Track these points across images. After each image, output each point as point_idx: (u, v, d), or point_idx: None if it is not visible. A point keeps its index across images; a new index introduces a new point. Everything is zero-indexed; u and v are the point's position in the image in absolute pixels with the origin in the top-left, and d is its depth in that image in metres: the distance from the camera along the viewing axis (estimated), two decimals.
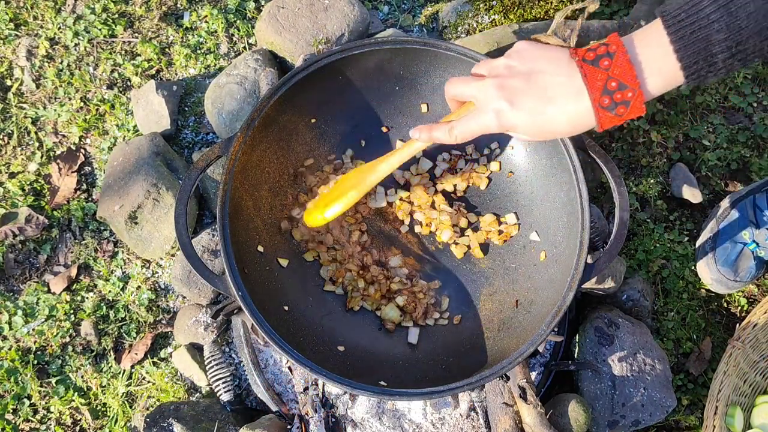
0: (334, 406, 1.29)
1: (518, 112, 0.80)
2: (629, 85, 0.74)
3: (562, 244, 1.18)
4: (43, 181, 1.57)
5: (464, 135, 0.89)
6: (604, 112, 0.76)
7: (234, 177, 1.12)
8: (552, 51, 0.81)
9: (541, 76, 0.79)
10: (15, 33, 1.67)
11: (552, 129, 0.80)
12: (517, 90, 0.80)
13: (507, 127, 0.83)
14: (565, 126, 0.79)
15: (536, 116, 0.80)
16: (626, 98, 0.75)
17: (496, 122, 0.83)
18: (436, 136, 0.94)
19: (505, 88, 0.81)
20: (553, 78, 0.78)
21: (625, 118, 0.76)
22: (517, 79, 0.81)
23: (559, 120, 0.79)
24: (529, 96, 0.80)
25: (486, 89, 0.83)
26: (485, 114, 0.84)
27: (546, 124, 0.80)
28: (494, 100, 0.82)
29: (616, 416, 1.30)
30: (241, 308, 1.13)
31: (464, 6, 1.57)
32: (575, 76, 0.77)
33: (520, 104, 0.80)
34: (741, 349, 1.34)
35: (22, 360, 1.44)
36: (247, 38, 1.67)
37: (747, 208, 1.47)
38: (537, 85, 0.79)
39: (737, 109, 1.67)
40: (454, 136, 0.91)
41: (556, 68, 0.78)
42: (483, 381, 1.04)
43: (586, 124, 0.79)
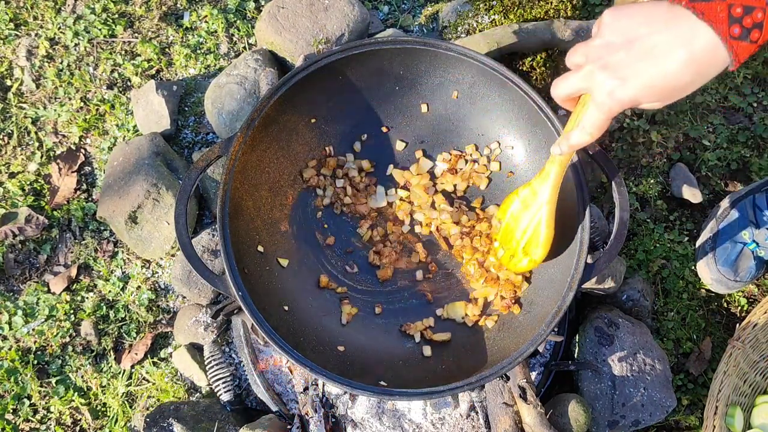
0: (334, 406, 1.29)
1: (632, 83, 0.76)
2: (755, 5, 0.69)
3: (562, 244, 1.18)
4: (43, 181, 1.57)
5: (596, 128, 0.84)
6: (737, 42, 0.70)
7: (234, 177, 1.12)
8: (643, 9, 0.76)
9: (642, 40, 0.74)
10: (15, 33, 1.67)
11: (678, 83, 0.74)
12: (622, 63, 0.76)
13: (629, 103, 0.78)
14: (690, 74, 0.73)
15: (654, 80, 0.74)
16: (757, 20, 0.69)
17: (614, 103, 0.79)
18: (575, 142, 0.89)
19: (609, 67, 0.77)
20: (656, 36, 0.73)
21: (760, 43, 0.71)
22: (618, 53, 0.76)
23: (681, 72, 0.73)
24: (636, 64, 0.75)
25: (591, 76, 0.80)
26: (599, 98, 0.80)
27: (669, 82, 0.74)
28: (604, 84, 0.78)
29: (616, 416, 1.30)
30: (241, 308, 1.13)
31: (464, 6, 1.57)
32: (680, 21, 0.71)
33: (630, 76, 0.76)
34: (741, 349, 1.33)
35: (22, 360, 1.44)
36: (247, 38, 1.67)
37: (747, 208, 1.47)
38: (641, 49, 0.74)
39: (737, 109, 1.67)
40: (589, 134, 0.86)
41: (655, 24, 0.74)
42: (483, 381, 1.04)
43: (718, 64, 0.72)
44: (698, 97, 1.66)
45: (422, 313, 1.25)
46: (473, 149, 1.32)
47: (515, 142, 1.28)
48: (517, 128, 1.26)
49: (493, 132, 1.30)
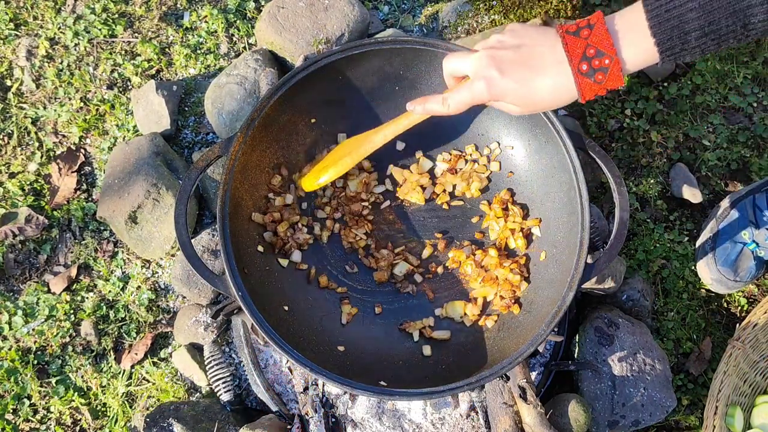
0: (334, 406, 1.29)
1: (507, 79, 0.84)
2: (606, 52, 0.78)
3: (562, 244, 1.18)
4: (43, 181, 1.57)
5: (458, 105, 0.93)
6: (583, 78, 0.80)
7: (234, 177, 1.12)
8: (540, 28, 0.86)
9: (529, 48, 0.84)
10: (15, 33, 1.67)
11: (537, 99, 0.85)
12: (507, 59, 0.85)
13: (496, 94, 0.87)
14: (549, 96, 0.84)
15: (523, 84, 0.84)
16: (604, 65, 0.79)
17: (486, 90, 0.87)
18: (430, 108, 0.98)
19: (496, 58, 0.86)
20: (540, 50, 0.83)
21: (605, 86, 0.80)
22: (507, 50, 0.85)
23: (543, 89, 0.83)
24: (517, 66, 0.84)
25: (479, 59, 0.88)
26: (477, 82, 0.88)
27: (531, 93, 0.84)
28: (485, 69, 0.86)
29: (616, 416, 1.30)
30: (241, 308, 1.13)
31: (464, 6, 1.57)
32: (556, 49, 0.81)
33: (508, 72, 0.84)
34: (741, 349, 1.34)
35: (22, 360, 1.44)
36: (247, 38, 1.67)
37: (747, 208, 1.47)
38: (525, 55, 0.84)
39: (737, 109, 1.67)
40: (447, 106, 0.95)
41: (543, 40, 0.83)
42: (483, 381, 1.04)
43: (569, 95, 0.83)
44: (698, 97, 1.66)
45: (422, 313, 1.25)
46: (473, 149, 1.32)
47: (515, 142, 1.28)
48: (517, 128, 1.26)
49: (493, 132, 1.30)
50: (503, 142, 1.30)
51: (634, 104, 1.64)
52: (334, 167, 1.16)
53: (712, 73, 1.67)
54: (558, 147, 1.16)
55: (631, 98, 1.65)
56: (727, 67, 1.68)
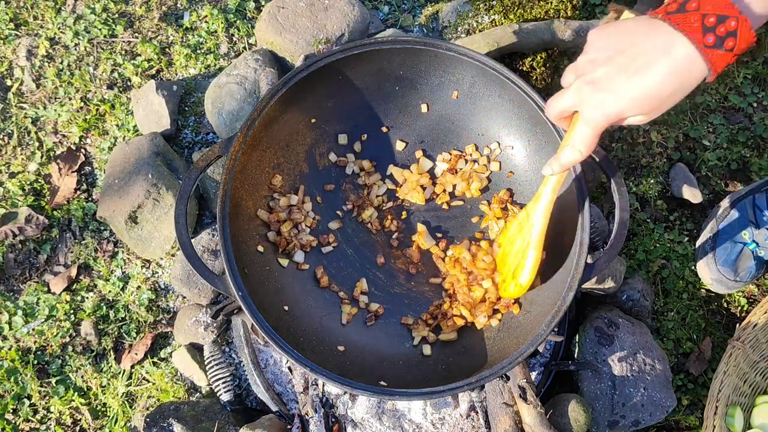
0: (334, 406, 1.29)
1: (616, 96, 0.77)
2: (729, 14, 0.70)
3: (562, 244, 1.18)
4: (43, 181, 1.57)
5: (586, 144, 0.86)
6: (712, 51, 0.71)
7: (234, 177, 1.12)
8: (625, 25, 0.78)
9: (624, 54, 0.76)
10: (15, 33, 1.67)
11: (660, 95, 0.75)
12: (606, 77, 0.77)
13: (614, 116, 0.79)
14: (671, 85, 0.74)
15: (636, 92, 0.75)
16: (731, 28, 0.70)
17: (603, 117, 0.80)
18: (566, 160, 0.91)
19: (595, 81, 0.79)
20: (636, 48, 0.75)
21: (736, 52, 0.72)
22: (602, 67, 0.78)
23: (662, 83, 0.74)
24: (620, 78, 0.76)
25: (579, 91, 0.81)
26: (589, 113, 0.81)
27: (651, 93, 0.75)
28: (590, 97, 0.80)
29: (616, 416, 1.30)
30: (241, 308, 1.13)
31: (464, 6, 1.57)
32: (659, 32, 0.73)
33: (615, 90, 0.77)
34: (741, 349, 1.33)
35: (22, 360, 1.44)
36: (247, 38, 1.67)
37: (747, 208, 1.47)
38: (623, 63, 0.76)
39: (737, 109, 1.67)
40: (579, 152, 0.88)
41: (635, 38, 0.75)
42: (483, 381, 1.04)
43: (696, 74, 0.73)
44: (698, 97, 1.66)
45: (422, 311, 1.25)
46: (473, 149, 1.32)
47: (515, 142, 1.28)
48: (517, 128, 1.26)
49: (493, 132, 1.30)
50: (503, 142, 1.30)
51: None
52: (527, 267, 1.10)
53: None
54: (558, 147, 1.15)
55: None
56: (727, 67, 1.68)
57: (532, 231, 1.09)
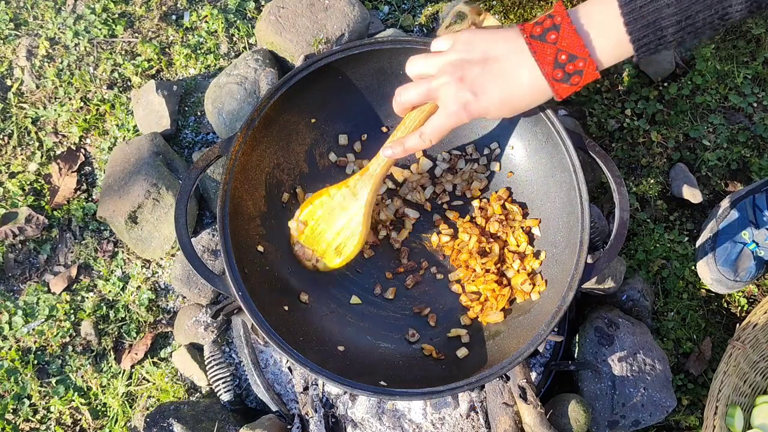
0: (334, 406, 1.29)
1: (484, 98, 0.83)
2: (579, 55, 0.76)
3: (562, 244, 1.18)
4: (43, 181, 1.57)
5: (436, 134, 0.91)
6: (558, 84, 0.79)
7: (234, 177, 1.12)
8: (499, 33, 0.83)
9: (497, 60, 0.82)
10: (15, 33, 1.67)
11: (517, 104, 0.85)
12: (477, 79, 0.83)
13: (478, 114, 0.86)
14: (529, 99, 0.84)
15: (501, 98, 0.83)
16: (578, 68, 0.77)
17: (465, 114, 0.86)
18: (410, 145, 0.95)
19: (465, 81, 0.83)
20: (508, 59, 0.81)
21: (581, 85, 0.80)
22: (474, 67, 0.83)
23: (522, 95, 0.83)
24: (490, 82, 0.82)
25: (446, 86, 0.85)
26: (452, 108, 0.86)
27: (511, 102, 0.84)
28: (458, 94, 0.84)
29: (616, 416, 1.30)
30: (241, 308, 1.13)
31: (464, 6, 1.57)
32: (523, 53, 0.80)
33: (484, 92, 0.83)
34: (741, 349, 1.34)
35: (22, 360, 1.44)
36: (247, 38, 1.67)
37: (747, 208, 1.47)
38: (494, 69, 0.82)
39: (737, 109, 1.67)
40: (427, 139, 0.92)
41: (509, 48, 0.81)
42: (483, 381, 1.04)
43: (545, 95, 0.83)
44: (698, 98, 1.66)
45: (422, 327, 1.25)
46: (473, 149, 1.32)
47: (515, 142, 1.28)
48: (517, 128, 1.26)
49: (493, 132, 1.30)
50: (502, 143, 1.30)
51: (634, 104, 1.64)
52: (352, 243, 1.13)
53: (712, 73, 1.67)
54: (558, 147, 1.15)
55: (631, 98, 1.65)
56: (727, 67, 1.68)
57: (361, 210, 1.11)
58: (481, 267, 1.22)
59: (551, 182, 1.22)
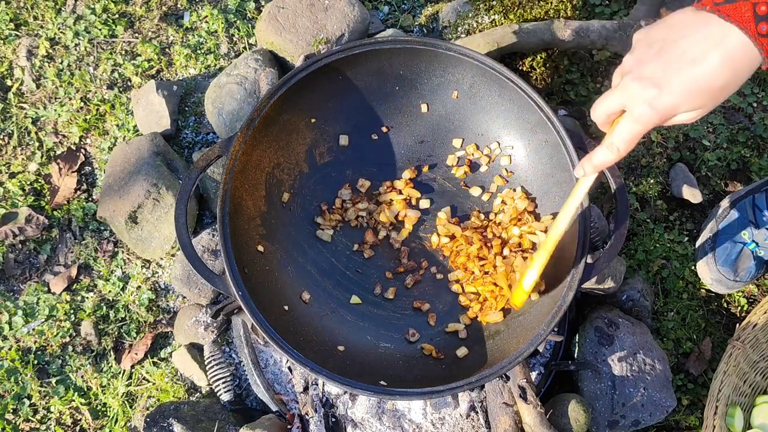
0: (334, 405, 1.29)
1: (669, 90, 0.74)
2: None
3: (562, 243, 1.18)
4: (44, 181, 1.57)
5: (626, 143, 0.82)
6: (766, 40, 0.69)
7: (234, 177, 1.12)
8: (670, 20, 0.76)
9: (673, 47, 0.74)
10: (15, 33, 1.67)
11: (714, 86, 0.73)
12: (656, 73, 0.75)
13: (667, 111, 0.76)
14: (725, 77, 0.72)
15: (691, 84, 0.73)
16: None
17: (653, 113, 0.76)
18: (599, 161, 0.87)
19: (644, 78, 0.76)
20: (686, 40, 0.73)
21: None
22: (650, 64, 0.75)
23: (716, 74, 0.72)
24: (671, 71, 0.74)
25: (627, 89, 0.78)
26: (637, 109, 0.78)
27: (705, 85, 0.73)
28: (640, 93, 0.76)
29: (616, 416, 1.30)
30: (241, 308, 1.13)
31: (464, 6, 1.57)
32: (709, 23, 0.71)
33: (667, 84, 0.74)
34: (741, 349, 1.34)
35: (22, 360, 1.44)
36: (248, 38, 1.67)
37: (746, 208, 1.47)
38: (673, 56, 0.73)
39: (737, 109, 1.67)
40: (616, 150, 0.83)
41: (683, 30, 0.73)
42: (483, 381, 1.04)
43: (750, 64, 0.72)
44: None
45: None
46: (473, 149, 1.32)
47: (515, 142, 1.29)
48: (517, 128, 1.26)
49: (493, 132, 1.30)
50: (503, 142, 1.30)
51: None
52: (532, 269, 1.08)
53: None
54: (558, 147, 1.16)
55: None
56: None
57: (550, 232, 1.05)
58: (480, 270, 1.22)
59: (551, 182, 1.22)
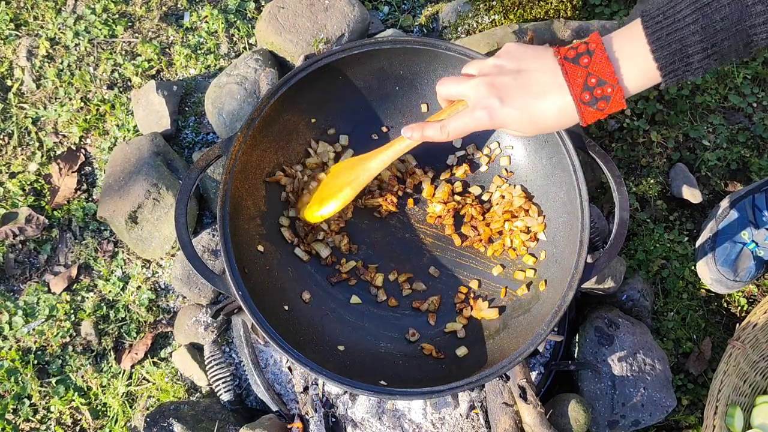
0: (334, 405, 1.29)
1: (508, 108, 0.84)
2: (608, 81, 0.77)
3: (562, 243, 1.18)
4: (44, 181, 1.57)
5: (457, 132, 0.92)
6: (585, 107, 0.79)
7: (234, 177, 1.12)
8: (537, 50, 0.85)
9: (529, 74, 0.83)
10: (15, 33, 1.67)
11: (541, 124, 0.84)
12: (507, 87, 0.84)
13: (499, 123, 0.86)
14: (553, 120, 0.83)
15: (525, 112, 0.83)
16: (606, 93, 0.78)
17: (488, 118, 0.86)
18: (429, 135, 0.96)
19: (495, 86, 0.85)
20: (540, 75, 0.82)
21: (606, 113, 0.80)
22: (506, 76, 0.85)
23: (547, 115, 0.82)
24: (518, 93, 0.83)
25: (477, 87, 0.87)
26: (477, 111, 0.87)
27: (535, 119, 0.83)
28: (486, 98, 0.85)
29: (616, 416, 1.30)
30: (241, 308, 1.13)
31: (464, 6, 1.57)
32: (556, 73, 0.81)
33: (510, 101, 0.84)
34: (741, 349, 1.34)
35: (23, 360, 1.44)
36: (248, 38, 1.67)
37: (746, 208, 1.47)
38: (525, 82, 0.83)
39: (737, 109, 1.67)
40: (446, 133, 0.93)
41: (542, 66, 0.82)
42: (483, 381, 1.04)
43: (572, 119, 0.82)
44: (698, 98, 1.66)
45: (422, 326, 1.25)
46: (473, 149, 1.32)
47: (515, 142, 1.29)
48: None
49: (493, 132, 1.30)
50: (503, 142, 1.30)
51: (634, 104, 1.64)
52: (335, 200, 1.15)
53: (712, 74, 1.67)
54: (558, 147, 1.16)
55: (631, 98, 1.65)
56: (727, 68, 1.68)
57: (362, 174, 1.11)
58: None
59: (551, 182, 1.22)
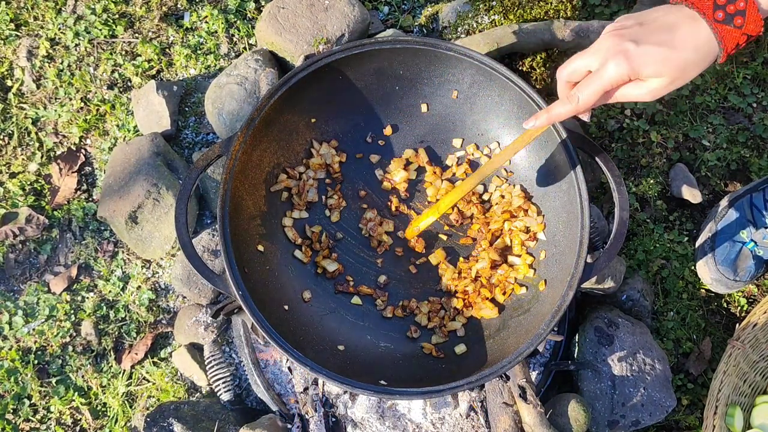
0: (334, 405, 1.29)
1: (646, 46, 0.79)
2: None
3: (562, 243, 1.18)
4: (44, 181, 1.57)
5: (590, 96, 0.84)
6: (722, 26, 0.77)
7: (234, 177, 1.12)
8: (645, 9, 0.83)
9: (654, 20, 0.81)
10: (15, 33, 1.67)
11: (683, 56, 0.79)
12: (637, 32, 0.80)
13: (637, 66, 0.80)
14: (693, 53, 0.79)
15: (664, 46, 0.79)
16: (739, 8, 0.76)
17: (626, 65, 0.80)
18: (557, 112, 0.89)
19: (625, 35, 0.81)
20: (665, 17, 0.80)
21: (745, 31, 0.77)
22: (632, 27, 0.81)
23: (687, 44, 0.79)
24: (651, 33, 0.80)
25: (604, 44, 0.82)
26: (610, 63, 0.81)
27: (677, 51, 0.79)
28: (618, 45, 0.80)
29: (616, 416, 1.30)
30: (241, 308, 1.13)
31: (464, 6, 1.57)
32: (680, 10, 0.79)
33: (645, 40, 0.79)
34: (741, 349, 1.34)
35: (23, 360, 1.44)
36: (248, 39, 1.67)
37: (744, 207, 1.47)
38: (653, 26, 0.80)
39: (737, 109, 1.67)
40: (577, 102, 0.85)
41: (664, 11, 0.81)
42: (483, 380, 1.04)
43: (712, 50, 0.79)
44: (698, 98, 1.66)
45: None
46: (474, 149, 1.32)
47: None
48: (517, 128, 1.26)
49: (493, 132, 1.30)
50: (503, 142, 1.30)
51: (634, 104, 1.64)
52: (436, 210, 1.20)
53: (711, 74, 1.67)
54: (558, 147, 1.16)
55: None
56: (727, 68, 1.68)
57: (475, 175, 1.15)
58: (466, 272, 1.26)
59: (551, 182, 1.22)
